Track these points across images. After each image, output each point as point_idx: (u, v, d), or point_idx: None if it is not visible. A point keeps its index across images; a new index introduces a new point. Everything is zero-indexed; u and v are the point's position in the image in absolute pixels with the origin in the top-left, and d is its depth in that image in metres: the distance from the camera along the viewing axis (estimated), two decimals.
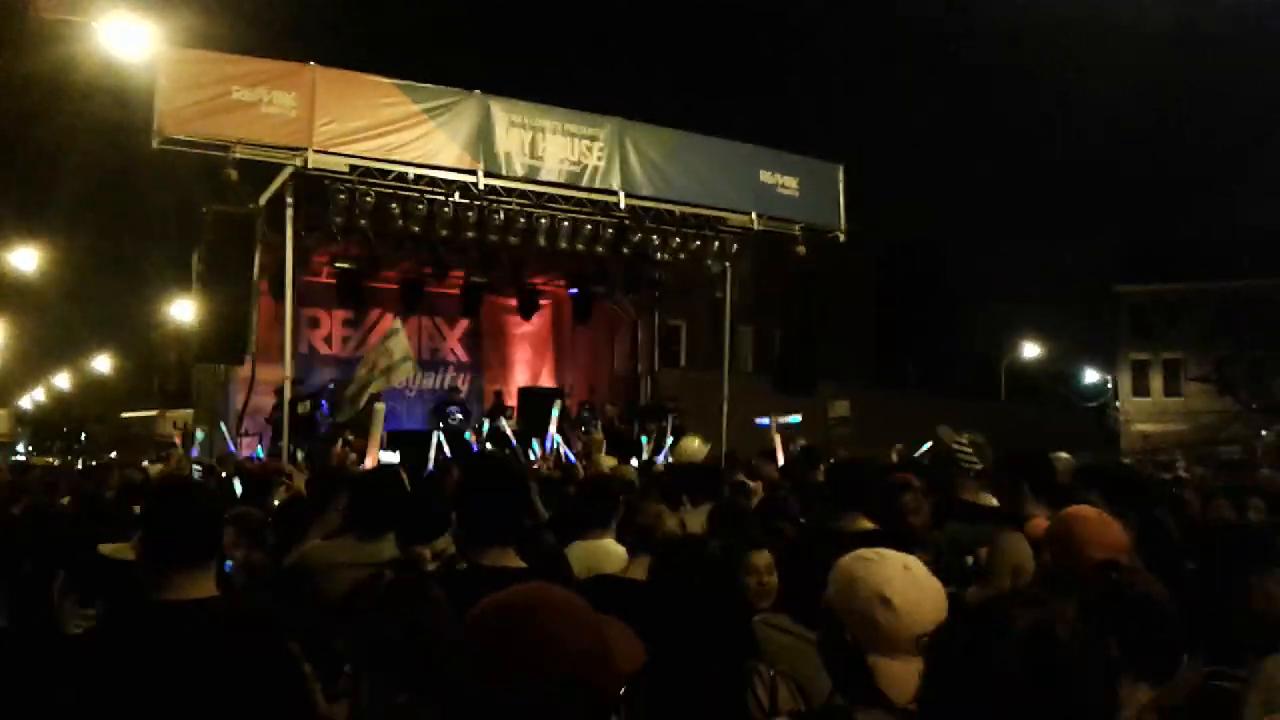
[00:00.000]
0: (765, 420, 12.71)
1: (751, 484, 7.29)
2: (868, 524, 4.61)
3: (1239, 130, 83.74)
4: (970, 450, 4.93)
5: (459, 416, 18.18)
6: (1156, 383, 48.38)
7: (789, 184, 16.26)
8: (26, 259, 26.34)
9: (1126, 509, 4.78)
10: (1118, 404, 48.00)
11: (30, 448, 51.67)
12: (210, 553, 2.82)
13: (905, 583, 2.18)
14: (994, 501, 4.98)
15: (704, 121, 16.24)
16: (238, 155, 12.28)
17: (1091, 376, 51.52)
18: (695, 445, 15.44)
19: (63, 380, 54.44)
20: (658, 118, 15.72)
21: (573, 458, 12.62)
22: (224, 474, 10.11)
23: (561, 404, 15.36)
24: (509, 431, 16.00)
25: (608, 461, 10.64)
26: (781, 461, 10.22)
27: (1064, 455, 5.64)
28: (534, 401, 17.92)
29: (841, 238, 16.85)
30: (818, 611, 2.29)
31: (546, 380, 20.67)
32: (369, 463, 6.25)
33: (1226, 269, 44.55)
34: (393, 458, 11.47)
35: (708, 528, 4.18)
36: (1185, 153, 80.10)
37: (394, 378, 15.20)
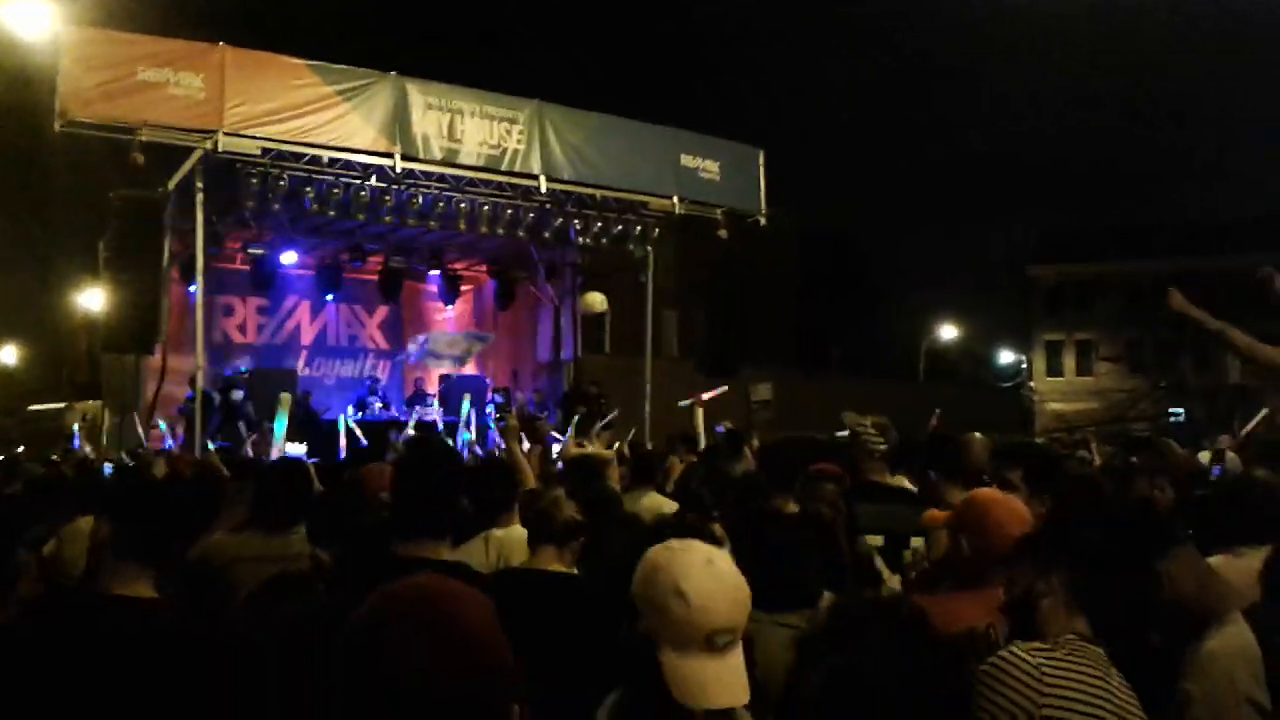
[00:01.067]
0: (686, 402, 12.62)
1: (671, 462, 7.25)
2: (794, 507, 4.63)
3: (1148, 119, 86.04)
4: (874, 431, 4.96)
5: (379, 406, 17.96)
6: (1069, 362, 49.68)
7: (710, 168, 16.28)
8: None
9: (1044, 489, 4.87)
10: (1032, 384, 49.13)
11: None
12: (161, 551, 2.74)
13: (704, 576, 2.07)
14: (903, 482, 5.00)
15: (622, 107, 16.11)
16: (144, 138, 11.91)
17: (1007, 357, 52.68)
18: (600, 299, 15.54)
19: None
20: (576, 102, 15.63)
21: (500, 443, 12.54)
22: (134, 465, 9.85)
23: (472, 396, 15.34)
24: (438, 420, 15.81)
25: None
26: (703, 444, 10.14)
27: (979, 435, 5.70)
28: (456, 389, 17.78)
29: (762, 221, 16.92)
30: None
31: (469, 367, 20.49)
32: (274, 454, 6.11)
33: (1134, 252, 45.88)
34: (300, 449, 11.32)
35: (583, 516, 4.12)
36: (1096, 140, 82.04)
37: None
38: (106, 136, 12.12)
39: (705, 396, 12.23)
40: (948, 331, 47.45)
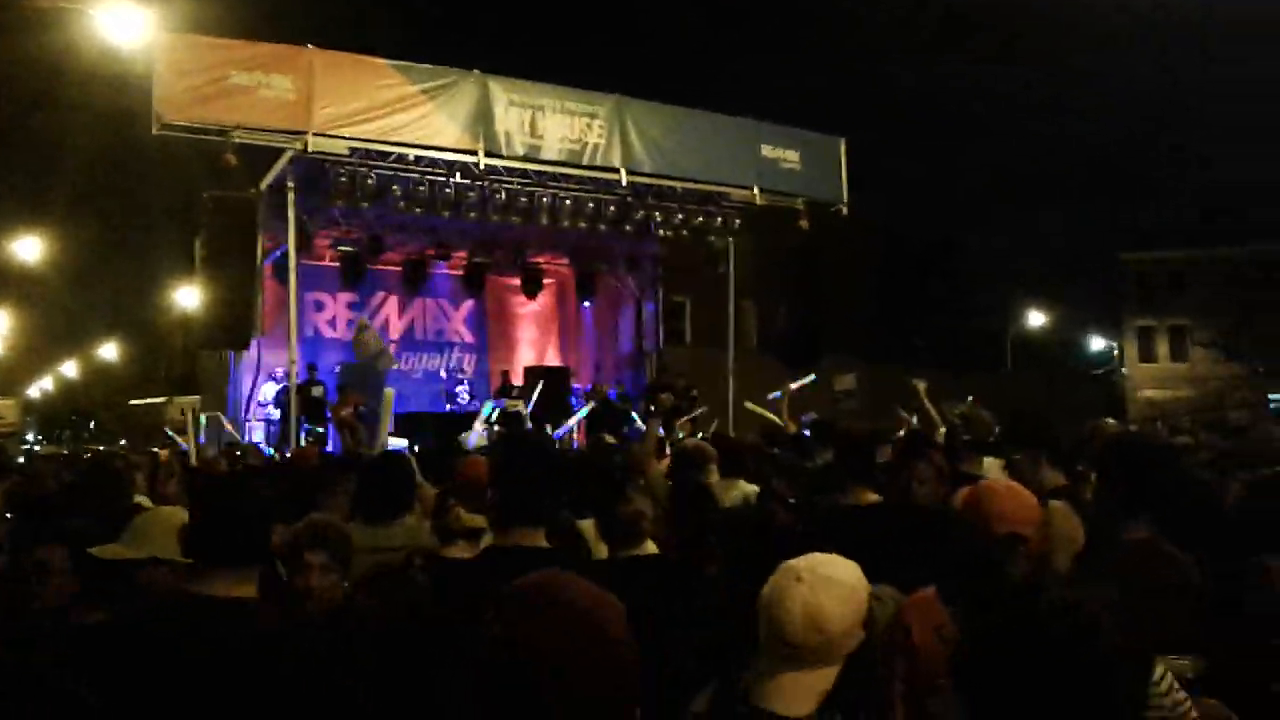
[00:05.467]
0: (776, 394, 12.36)
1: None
2: (874, 497, 4.57)
3: (1240, 100, 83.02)
4: (960, 422, 4.87)
5: (466, 397, 18.25)
6: (1163, 349, 48.32)
7: (790, 158, 16.16)
8: (30, 248, 26.37)
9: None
10: (1124, 370, 47.93)
11: (40, 437, 51.81)
12: (254, 555, 2.78)
13: (790, 594, 2.12)
14: (992, 473, 4.81)
15: (704, 97, 16.06)
16: (237, 140, 12.20)
17: (1098, 344, 51.43)
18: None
19: (70, 368, 54.52)
20: (656, 93, 15.62)
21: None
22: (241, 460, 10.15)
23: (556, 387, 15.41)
24: (525, 412, 15.86)
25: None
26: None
27: (1111, 421, 5.61)
28: (540, 381, 17.96)
29: (844, 211, 16.75)
30: None
31: (553, 359, 20.68)
32: (377, 448, 6.23)
33: (1228, 236, 44.46)
34: (401, 444, 11.46)
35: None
36: (1186, 122, 79.47)
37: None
38: (200, 139, 12.46)
39: (793, 386, 12.12)
40: (1035, 319, 46.52)
